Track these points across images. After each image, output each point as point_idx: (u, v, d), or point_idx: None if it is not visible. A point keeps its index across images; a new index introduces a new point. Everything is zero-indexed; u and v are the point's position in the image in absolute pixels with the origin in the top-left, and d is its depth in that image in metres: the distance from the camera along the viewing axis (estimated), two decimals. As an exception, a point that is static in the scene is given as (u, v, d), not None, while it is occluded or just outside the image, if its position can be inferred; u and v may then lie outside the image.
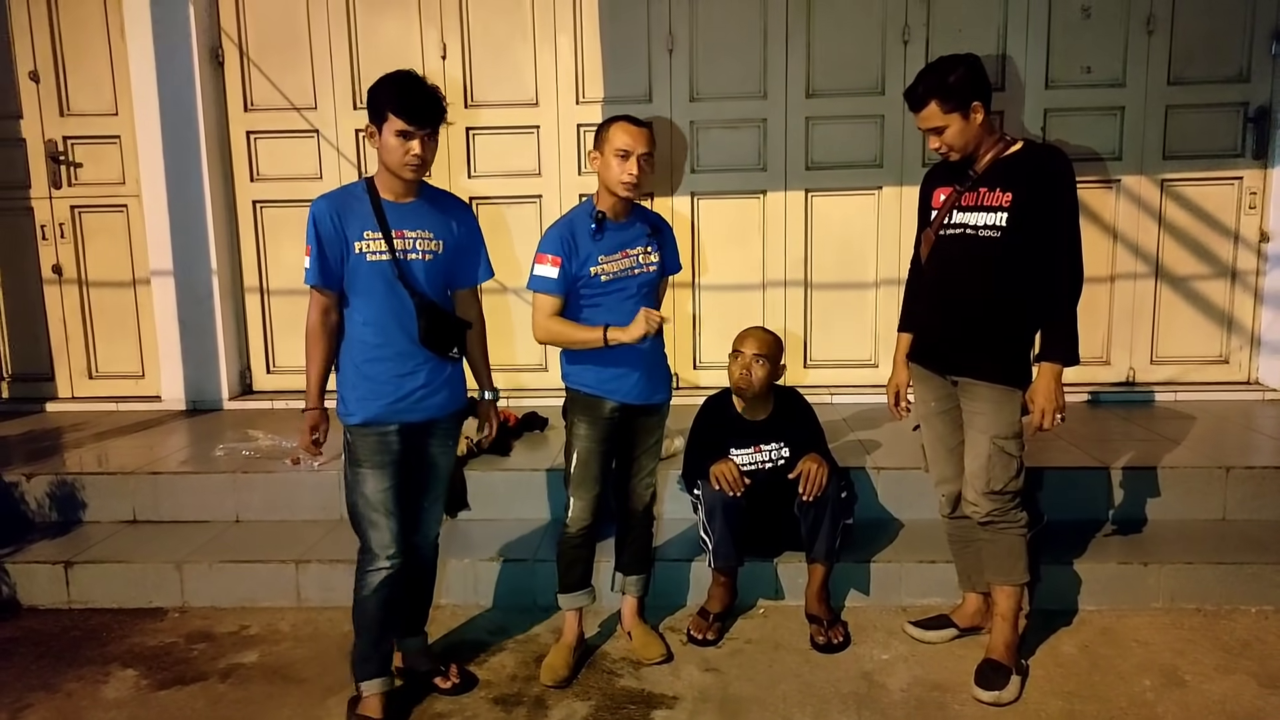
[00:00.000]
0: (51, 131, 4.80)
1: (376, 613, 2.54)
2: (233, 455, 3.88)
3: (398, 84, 2.39)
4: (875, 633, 3.01)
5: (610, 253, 2.69)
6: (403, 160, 2.39)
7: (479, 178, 4.74)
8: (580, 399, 2.77)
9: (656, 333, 2.64)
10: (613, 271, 2.68)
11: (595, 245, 2.67)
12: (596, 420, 2.75)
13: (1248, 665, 2.76)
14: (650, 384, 2.79)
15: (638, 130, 2.62)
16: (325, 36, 4.68)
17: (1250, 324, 4.62)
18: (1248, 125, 4.49)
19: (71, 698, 2.75)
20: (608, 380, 2.73)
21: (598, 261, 2.67)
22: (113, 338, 4.95)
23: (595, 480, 2.77)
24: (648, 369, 2.76)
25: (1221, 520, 3.46)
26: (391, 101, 2.36)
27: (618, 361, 2.71)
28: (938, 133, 2.53)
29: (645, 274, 2.74)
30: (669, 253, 2.84)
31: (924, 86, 2.51)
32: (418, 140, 2.38)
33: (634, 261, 2.71)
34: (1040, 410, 2.53)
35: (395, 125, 2.36)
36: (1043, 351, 2.56)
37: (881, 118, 4.58)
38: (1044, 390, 2.52)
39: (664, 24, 4.57)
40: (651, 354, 2.77)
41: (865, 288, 4.69)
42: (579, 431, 2.77)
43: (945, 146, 2.54)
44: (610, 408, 2.75)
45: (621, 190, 2.63)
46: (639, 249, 2.73)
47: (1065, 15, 4.46)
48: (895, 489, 3.54)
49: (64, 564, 3.33)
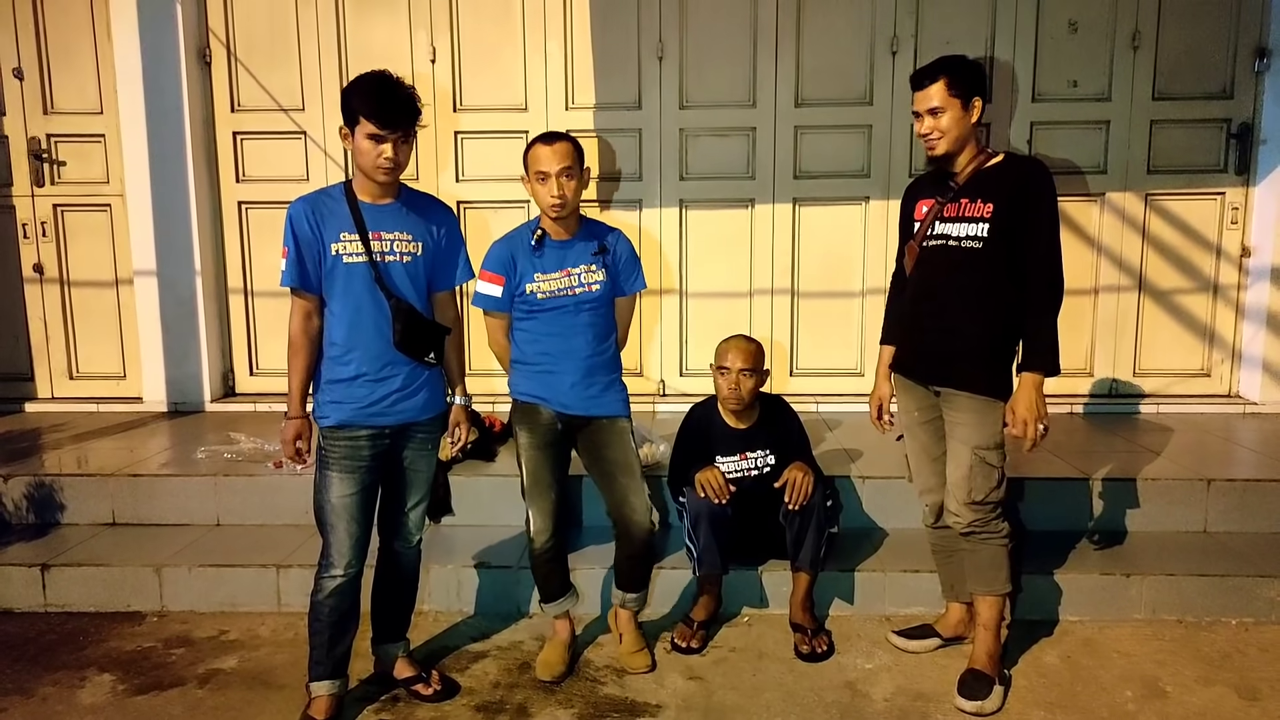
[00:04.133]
0: (35, 129, 4.76)
1: (328, 617, 2.52)
2: (214, 458, 3.84)
3: (369, 86, 2.35)
4: (859, 642, 3.01)
5: (549, 271, 2.69)
6: (375, 163, 2.37)
7: (467, 182, 4.73)
8: (518, 406, 2.79)
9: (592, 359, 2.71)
10: (549, 290, 2.68)
11: (534, 263, 2.68)
12: (535, 427, 2.75)
13: (1228, 677, 2.78)
14: (586, 394, 2.74)
15: (550, 148, 2.60)
16: (314, 38, 4.66)
17: (1232, 338, 4.66)
18: (1231, 141, 4.54)
19: (46, 702, 2.71)
20: (539, 387, 2.74)
21: (533, 279, 2.67)
22: (94, 338, 4.90)
23: (548, 488, 2.74)
24: (583, 377, 2.72)
25: (1203, 532, 3.49)
26: (362, 104, 2.34)
27: (552, 368, 2.72)
28: (934, 114, 2.51)
29: (586, 293, 2.71)
30: (625, 272, 2.81)
31: (939, 62, 2.53)
32: (389, 143, 2.36)
33: (574, 281, 2.70)
34: (1022, 421, 2.50)
35: (367, 128, 2.34)
36: (1024, 361, 2.56)
37: (869, 128, 4.60)
38: (1025, 401, 2.51)
39: (654, 31, 4.57)
40: (590, 364, 2.73)
41: (851, 297, 4.70)
42: (521, 441, 2.76)
43: (936, 132, 2.53)
44: (548, 415, 2.74)
45: (550, 213, 2.64)
46: (581, 268, 2.71)
47: (1052, 29, 4.50)
48: (880, 498, 3.54)
49: (41, 566, 3.29)
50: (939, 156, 2.58)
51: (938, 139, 2.54)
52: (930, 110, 2.53)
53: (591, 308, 2.73)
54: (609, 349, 2.80)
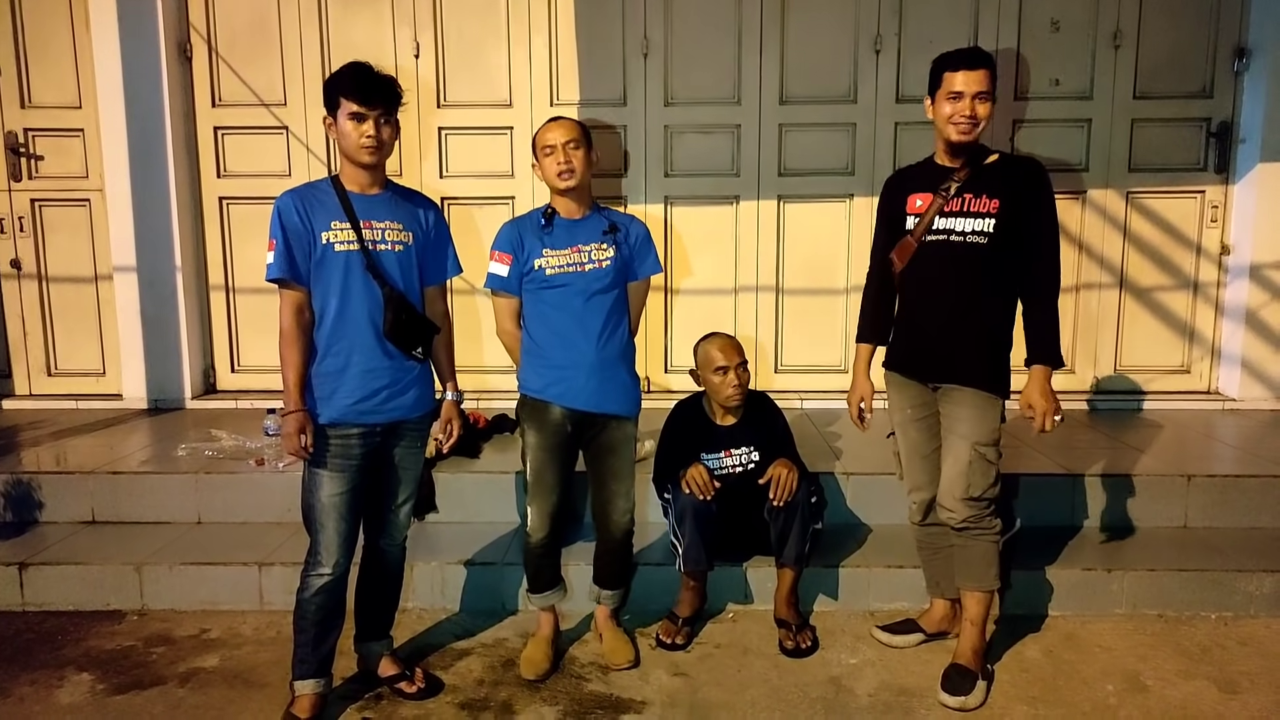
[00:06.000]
0: (12, 123, 4.70)
1: (315, 616, 2.50)
2: (195, 455, 3.81)
3: (349, 69, 2.40)
4: (843, 637, 3.02)
5: (559, 247, 2.66)
6: (358, 143, 2.38)
7: (451, 178, 4.71)
8: (527, 403, 2.75)
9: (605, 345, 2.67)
10: (558, 265, 2.65)
11: (543, 239, 2.66)
12: (544, 426, 2.72)
13: (1208, 671, 2.80)
14: (600, 391, 2.71)
15: (556, 124, 2.64)
16: (296, 33, 4.62)
17: (1211, 335, 4.71)
18: (1210, 140, 4.58)
19: (24, 702, 2.68)
20: (551, 384, 2.70)
21: (542, 254, 2.65)
22: (73, 334, 4.84)
23: (550, 490, 2.74)
24: (597, 374, 2.69)
25: (1183, 527, 3.52)
26: (342, 86, 2.37)
27: (562, 363, 2.68)
28: (983, 99, 2.50)
29: (596, 269, 2.66)
30: (639, 254, 2.78)
31: (978, 50, 2.57)
32: (371, 121, 2.37)
33: (585, 257, 2.67)
34: (1042, 413, 2.55)
35: (348, 108, 2.36)
36: (1033, 355, 2.59)
37: (853, 126, 4.61)
38: (1040, 391, 2.56)
39: (639, 28, 4.57)
40: (603, 356, 2.70)
41: (836, 294, 4.72)
42: (528, 440, 2.75)
43: (977, 117, 2.50)
44: (558, 414, 2.71)
45: (560, 183, 2.62)
46: (592, 245, 2.68)
47: (1034, 28, 4.53)
48: (864, 494, 3.56)
49: (19, 565, 3.25)
50: (964, 143, 2.55)
51: (976, 125, 2.52)
52: (978, 95, 2.50)
53: (602, 288, 2.68)
54: (623, 335, 2.76)
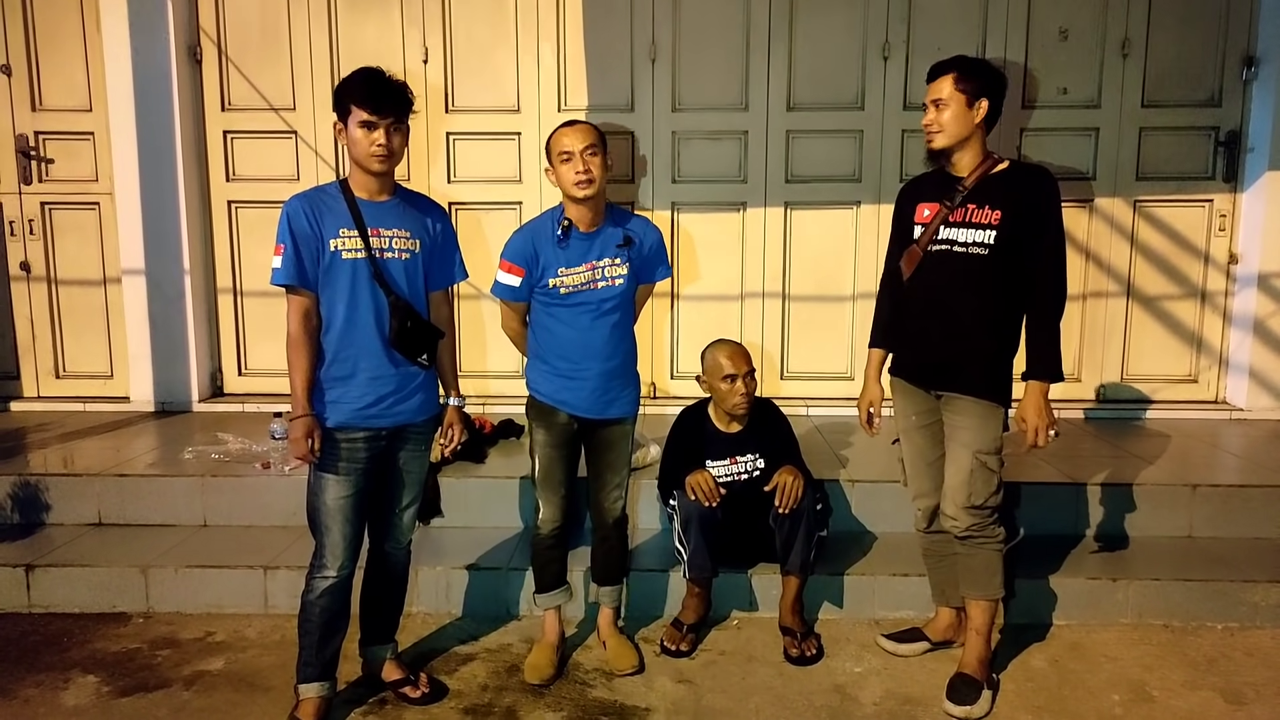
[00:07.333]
0: (22, 126, 4.72)
1: (319, 619, 2.51)
2: (201, 458, 3.82)
3: (360, 76, 2.39)
4: (848, 645, 3.01)
5: (573, 265, 2.64)
6: (368, 151, 2.37)
7: (459, 183, 4.72)
8: (535, 405, 2.78)
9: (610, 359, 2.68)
10: (573, 285, 2.64)
11: (558, 255, 2.63)
12: (551, 427, 2.75)
13: (1214, 681, 2.79)
14: (605, 398, 2.74)
15: (573, 129, 2.60)
16: (305, 37, 4.64)
17: (1219, 344, 4.69)
18: (1218, 148, 4.57)
19: (29, 704, 2.69)
20: (560, 390, 2.72)
21: (557, 274, 2.63)
22: (81, 337, 4.86)
23: (560, 484, 2.78)
24: (601, 386, 2.72)
25: (1188, 537, 3.50)
26: (353, 93, 2.37)
27: (572, 373, 2.69)
28: (937, 106, 2.53)
29: (610, 288, 2.67)
30: (651, 263, 2.79)
31: (954, 58, 2.56)
32: (381, 130, 2.36)
33: (599, 275, 2.66)
34: (1034, 428, 2.55)
35: (359, 116, 2.36)
36: (1030, 369, 2.58)
37: (861, 133, 4.61)
38: (1035, 407, 2.55)
39: (647, 33, 4.58)
40: (609, 367, 2.72)
41: (842, 301, 4.71)
42: (536, 438, 2.78)
43: (935, 125, 2.54)
44: (564, 418, 2.74)
45: (578, 191, 2.57)
46: (606, 260, 2.67)
47: (1043, 36, 4.52)
48: (869, 502, 3.55)
49: (25, 567, 3.26)
50: (935, 151, 2.58)
51: (936, 132, 2.55)
52: (934, 101, 2.54)
53: (613, 305, 2.69)
54: (628, 346, 2.78)
